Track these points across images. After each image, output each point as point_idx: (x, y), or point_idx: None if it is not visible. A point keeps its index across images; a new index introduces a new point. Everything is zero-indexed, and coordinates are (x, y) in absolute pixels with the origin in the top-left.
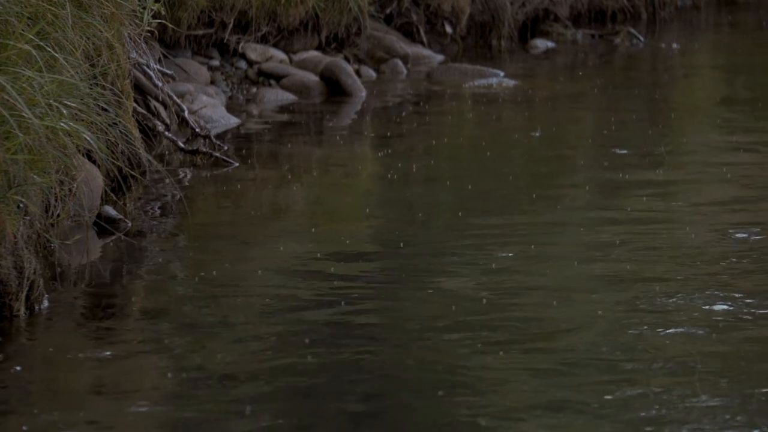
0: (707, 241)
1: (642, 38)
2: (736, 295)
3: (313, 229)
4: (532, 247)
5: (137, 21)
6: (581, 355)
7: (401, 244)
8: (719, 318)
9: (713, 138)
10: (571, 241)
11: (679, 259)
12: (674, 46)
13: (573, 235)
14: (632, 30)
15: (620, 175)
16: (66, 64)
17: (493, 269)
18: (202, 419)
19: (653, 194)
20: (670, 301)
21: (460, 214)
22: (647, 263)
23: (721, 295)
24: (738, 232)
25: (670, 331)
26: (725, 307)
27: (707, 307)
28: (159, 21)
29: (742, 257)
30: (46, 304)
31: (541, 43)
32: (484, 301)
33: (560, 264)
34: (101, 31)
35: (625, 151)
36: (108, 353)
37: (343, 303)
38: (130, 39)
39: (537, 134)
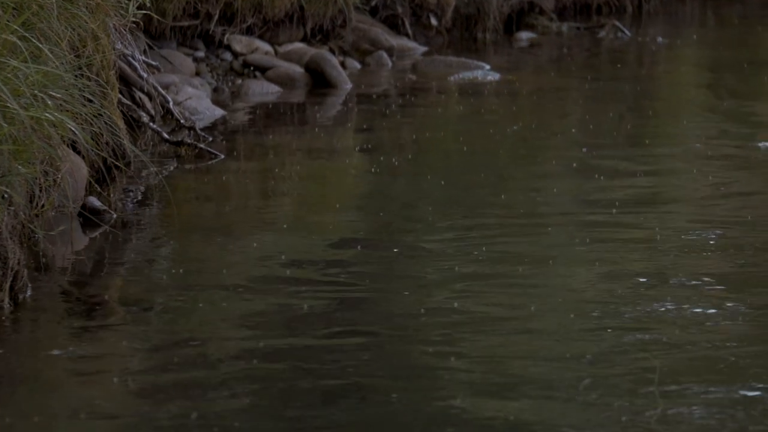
0: (687, 238)
1: (627, 31)
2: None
3: (297, 221)
4: (516, 241)
5: (122, 12)
6: (562, 353)
7: (385, 237)
8: (699, 314)
9: (696, 132)
10: (555, 234)
11: (661, 258)
12: (659, 39)
13: (557, 228)
14: (617, 23)
15: (604, 169)
16: (51, 54)
17: (476, 263)
18: (185, 408)
19: (634, 191)
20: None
21: (444, 207)
22: (628, 260)
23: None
24: (717, 228)
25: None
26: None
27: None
28: (144, 12)
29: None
30: (29, 294)
31: (527, 36)
32: (467, 295)
33: (543, 258)
34: (86, 22)
35: (608, 145)
36: (92, 344)
37: (326, 294)
38: (116, 30)
39: (521, 128)
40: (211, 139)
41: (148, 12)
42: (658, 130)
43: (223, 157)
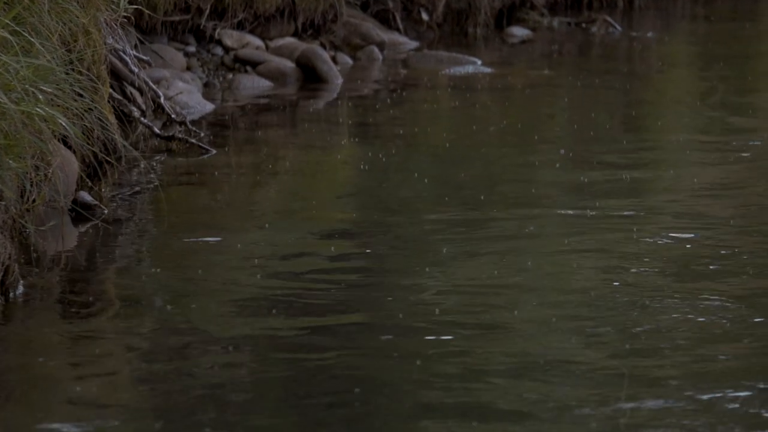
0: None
1: (618, 26)
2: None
3: (288, 216)
4: (506, 234)
5: (114, 6)
6: (557, 357)
7: (376, 231)
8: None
9: (687, 126)
10: (546, 235)
11: (649, 260)
12: (650, 34)
13: (548, 229)
14: (609, 18)
15: (595, 163)
16: (42, 49)
17: (468, 263)
18: (177, 406)
19: (624, 185)
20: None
21: (435, 201)
22: (613, 255)
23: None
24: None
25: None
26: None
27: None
28: (135, 7)
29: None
30: (21, 289)
31: (518, 31)
32: (457, 296)
33: (534, 260)
34: (77, 17)
35: (599, 139)
36: (83, 339)
37: (317, 291)
38: (107, 24)
39: (512, 122)
40: (202, 133)
41: (139, 7)
42: (649, 125)
43: (214, 151)
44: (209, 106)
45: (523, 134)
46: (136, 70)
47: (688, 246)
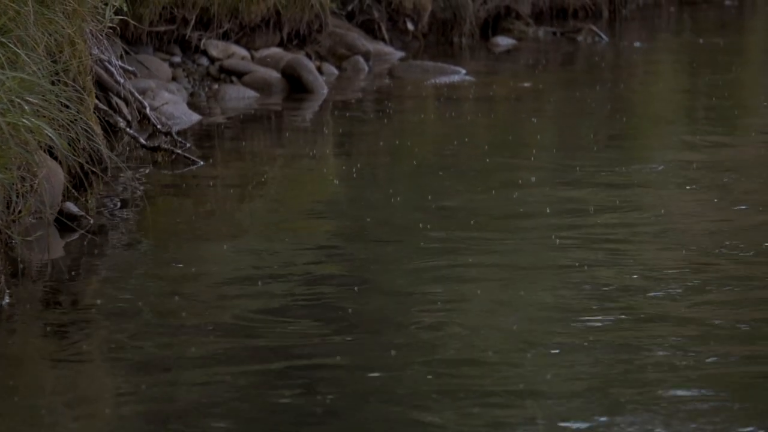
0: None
1: (604, 36)
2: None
3: (273, 227)
4: (491, 251)
5: (99, 17)
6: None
7: (362, 242)
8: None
9: (673, 139)
10: (528, 240)
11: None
12: (636, 44)
13: (531, 234)
14: (594, 28)
15: (580, 173)
16: (28, 60)
17: (453, 268)
18: (163, 415)
19: (609, 196)
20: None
21: (420, 212)
22: (598, 267)
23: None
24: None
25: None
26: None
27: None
28: (121, 17)
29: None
30: (7, 300)
31: (503, 41)
32: (443, 300)
33: (520, 270)
34: (63, 28)
35: (585, 149)
36: (69, 350)
37: (303, 300)
38: (92, 35)
39: (497, 133)
40: (187, 144)
41: (125, 17)
42: (634, 135)
43: (199, 162)
44: (195, 117)
45: (509, 145)
46: (122, 80)
47: (674, 262)
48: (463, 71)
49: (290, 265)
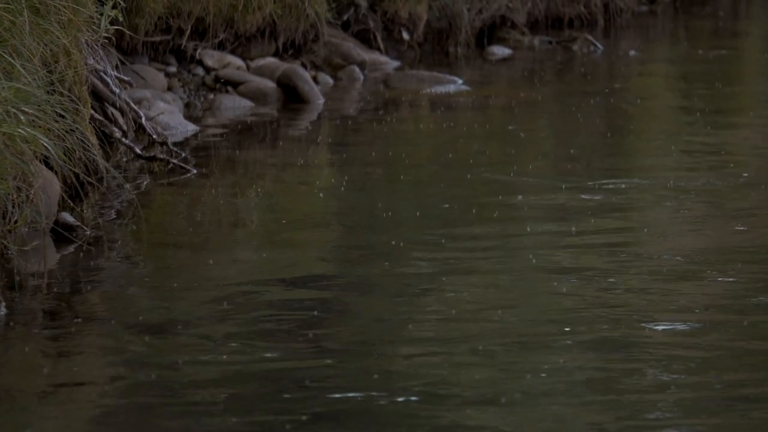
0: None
1: (599, 45)
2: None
3: (269, 237)
4: (488, 257)
5: (94, 27)
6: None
7: (357, 253)
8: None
9: (667, 148)
10: (526, 254)
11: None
12: (631, 53)
13: (528, 244)
14: (589, 37)
15: (576, 183)
16: (23, 70)
17: (449, 278)
18: (158, 427)
19: (605, 207)
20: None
21: (417, 223)
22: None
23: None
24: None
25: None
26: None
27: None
28: (116, 27)
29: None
30: (3, 311)
31: (499, 50)
32: (441, 312)
33: (518, 277)
34: (58, 38)
35: (581, 159)
36: (66, 360)
37: (299, 309)
38: (88, 45)
39: (493, 142)
40: (183, 154)
41: (120, 27)
42: (630, 145)
43: (195, 172)
44: (190, 127)
45: (504, 154)
46: (118, 90)
47: (667, 268)
48: (459, 81)
49: (286, 274)
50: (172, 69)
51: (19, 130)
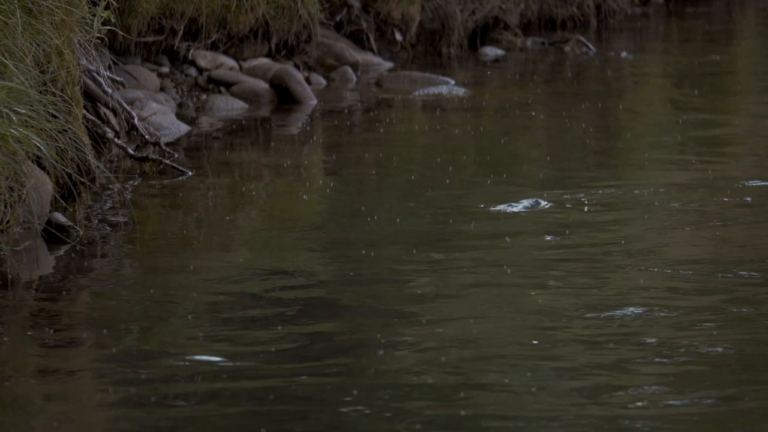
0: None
1: (592, 46)
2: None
3: (262, 238)
4: (481, 259)
5: (87, 28)
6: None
7: (350, 253)
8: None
9: (661, 149)
10: (516, 254)
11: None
12: (624, 54)
13: (518, 248)
14: (582, 38)
15: (567, 185)
16: (16, 70)
17: (441, 279)
18: (151, 424)
19: (597, 209)
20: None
21: (409, 223)
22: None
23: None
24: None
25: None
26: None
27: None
28: (109, 28)
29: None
30: None
31: (491, 51)
32: (431, 314)
33: (504, 279)
34: (51, 38)
35: (572, 161)
36: (57, 360)
37: (293, 310)
38: (80, 46)
39: (485, 144)
40: (176, 155)
41: (113, 28)
42: (621, 150)
43: (188, 173)
44: (183, 127)
45: (496, 156)
46: (110, 91)
47: (661, 280)
48: (452, 82)
49: (278, 277)
50: (165, 69)
51: (12, 130)
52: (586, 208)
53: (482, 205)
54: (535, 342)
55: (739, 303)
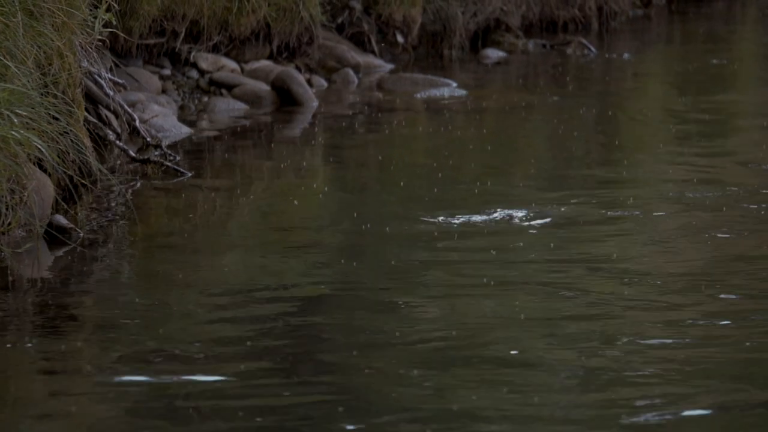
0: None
1: (593, 49)
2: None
3: (264, 239)
4: (480, 259)
5: (88, 30)
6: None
7: (351, 255)
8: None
9: (663, 152)
10: (516, 257)
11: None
12: (625, 56)
13: (519, 251)
14: (583, 40)
15: (569, 187)
16: (17, 72)
17: (442, 281)
18: (152, 425)
19: (598, 211)
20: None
21: (411, 224)
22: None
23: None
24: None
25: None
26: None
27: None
28: (110, 30)
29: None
30: None
31: (493, 53)
32: (431, 314)
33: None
34: (52, 40)
35: (574, 162)
36: (59, 361)
37: (293, 312)
38: (82, 48)
39: (487, 146)
40: (177, 157)
41: (115, 30)
42: (620, 153)
43: (189, 175)
44: (185, 129)
45: (498, 158)
46: (112, 93)
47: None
48: (454, 84)
49: (280, 277)
50: (167, 72)
51: (13, 132)
52: (581, 219)
53: (482, 207)
54: (515, 352)
55: (728, 316)
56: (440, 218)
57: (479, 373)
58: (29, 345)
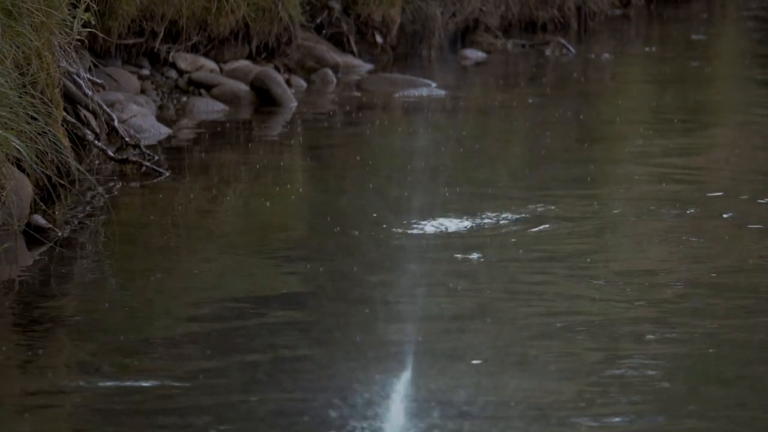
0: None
1: (572, 49)
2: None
3: (242, 240)
4: (461, 260)
5: (67, 30)
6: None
7: (331, 255)
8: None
9: (640, 152)
10: (494, 257)
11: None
12: (605, 56)
13: (497, 252)
14: (562, 40)
15: (547, 188)
16: None
17: (419, 283)
18: (131, 425)
19: (574, 210)
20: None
21: (389, 225)
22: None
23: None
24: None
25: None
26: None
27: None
28: (89, 30)
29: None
30: None
31: (472, 53)
32: (412, 314)
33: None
34: (31, 40)
35: (553, 162)
36: (37, 361)
37: (271, 311)
38: (60, 48)
39: (466, 146)
40: (156, 157)
41: (93, 30)
42: (597, 154)
43: (168, 175)
44: (163, 129)
45: (477, 158)
46: (90, 93)
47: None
48: (433, 84)
49: (259, 278)
50: (145, 72)
51: None
52: (573, 203)
53: (453, 212)
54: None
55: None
56: (413, 219)
57: (450, 371)
58: (7, 345)
